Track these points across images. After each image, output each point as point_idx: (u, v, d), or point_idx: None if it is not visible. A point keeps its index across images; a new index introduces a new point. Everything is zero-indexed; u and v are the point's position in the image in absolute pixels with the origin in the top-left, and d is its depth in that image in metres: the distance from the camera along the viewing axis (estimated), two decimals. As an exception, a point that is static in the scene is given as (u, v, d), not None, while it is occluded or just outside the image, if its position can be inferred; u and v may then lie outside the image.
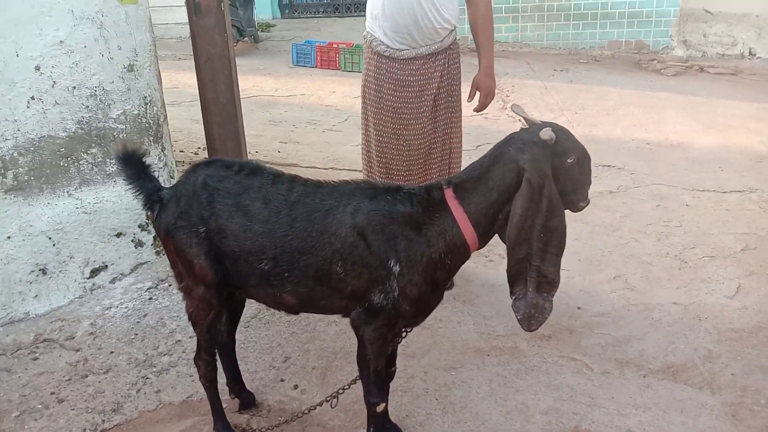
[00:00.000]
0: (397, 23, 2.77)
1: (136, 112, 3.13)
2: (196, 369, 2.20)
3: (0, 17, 2.59)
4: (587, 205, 1.93)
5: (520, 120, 1.99)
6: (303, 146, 5.48)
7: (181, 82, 7.48)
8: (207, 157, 3.51)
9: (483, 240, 1.88)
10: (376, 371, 1.97)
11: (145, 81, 3.14)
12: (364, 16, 3.02)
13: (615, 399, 2.48)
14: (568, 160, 1.79)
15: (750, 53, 9.36)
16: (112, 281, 3.12)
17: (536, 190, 1.74)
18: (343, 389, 2.13)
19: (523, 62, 9.44)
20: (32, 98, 2.74)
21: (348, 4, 13.56)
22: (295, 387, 2.55)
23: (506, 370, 2.65)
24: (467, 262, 1.99)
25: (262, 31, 11.56)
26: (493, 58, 3.05)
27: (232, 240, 1.90)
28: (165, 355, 2.70)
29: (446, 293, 3.20)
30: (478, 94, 3.07)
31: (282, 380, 2.59)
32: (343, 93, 7.71)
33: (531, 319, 1.86)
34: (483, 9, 2.94)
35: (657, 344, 2.82)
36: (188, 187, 1.98)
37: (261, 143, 5.45)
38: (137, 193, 2.05)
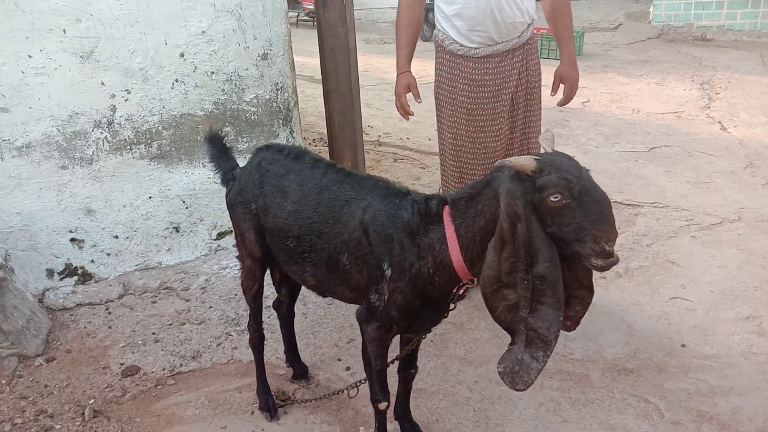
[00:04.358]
0: (472, 20, 2.64)
1: (267, 96, 3.45)
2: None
3: (154, 11, 3.05)
4: (609, 264, 1.51)
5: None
6: (458, 135, 5.47)
7: (373, 66, 7.92)
8: (327, 141, 3.74)
9: (472, 267, 1.71)
10: (377, 370, 1.99)
11: (278, 69, 3.45)
12: None
13: (674, 455, 2.18)
14: (551, 198, 1.49)
15: None
16: (235, 245, 3.51)
17: (507, 231, 1.54)
18: (361, 382, 2.19)
19: (755, 54, 8.21)
20: (176, 81, 3.19)
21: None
22: (348, 368, 2.67)
23: (563, 397, 2.46)
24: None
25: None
26: (574, 48, 2.83)
27: (270, 217, 2.07)
28: (252, 317, 3.00)
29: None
30: (561, 87, 2.84)
31: (339, 359, 2.73)
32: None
33: (514, 376, 1.61)
34: None
35: (762, 405, 2.38)
36: (249, 167, 2.20)
37: (417, 129, 5.57)
38: (216, 171, 2.32)
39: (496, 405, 2.44)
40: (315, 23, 11.51)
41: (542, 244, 1.52)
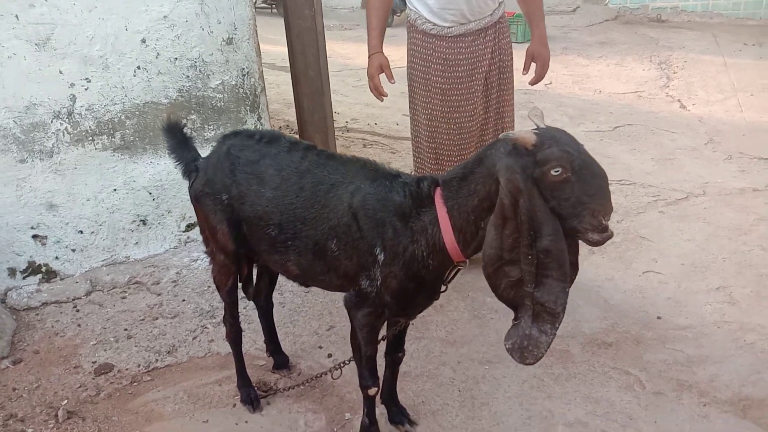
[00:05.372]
0: None
1: (233, 82, 3.36)
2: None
3: (112, -5, 2.93)
4: (605, 238, 1.52)
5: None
6: (425, 120, 5.46)
7: (335, 52, 7.80)
8: (297, 128, 3.67)
9: (465, 248, 1.69)
10: (367, 356, 1.96)
11: (244, 54, 3.36)
12: None
13: (657, 424, 2.21)
14: (553, 172, 1.47)
15: None
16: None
17: (508, 207, 1.52)
18: (344, 363, 2.16)
19: (708, 35, 8.40)
20: (138, 68, 3.08)
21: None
22: (329, 356, 2.63)
23: (545, 373, 2.48)
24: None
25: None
26: (545, 27, 2.83)
27: (248, 205, 1.99)
28: (227, 309, 2.93)
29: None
30: (533, 65, 2.84)
31: (320, 347, 2.69)
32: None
33: (523, 350, 1.60)
34: None
35: (737, 371, 2.44)
36: (215, 156, 2.11)
37: (384, 115, 5.53)
38: (177, 163, 2.22)
39: (480, 384, 2.44)
40: (273, 10, 11.42)
41: (545, 218, 1.50)
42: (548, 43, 2.88)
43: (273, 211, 1.94)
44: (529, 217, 1.50)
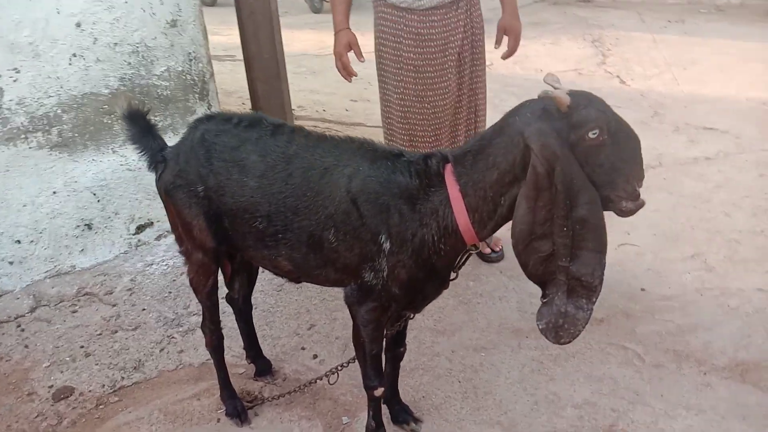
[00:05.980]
0: None
1: (180, 68, 3.09)
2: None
3: (39, -26, 2.60)
4: (638, 206, 1.45)
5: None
6: (374, 104, 5.25)
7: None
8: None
9: (481, 228, 1.56)
10: (372, 355, 1.80)
11: (190, 37, 3.09)
12: None
13: (664, 397, 2.17)
14: (590, 134, 1.38)
15: None
16: (158, 238, 3.16)
17: (543, 176, 1.39)
18: (342, 366, 2.00)
19: (633, 13, 8.66)
20: (74, 55, 2.76)
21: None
22: (315, 357, 2.46)
23: (543, 356, 2.40)
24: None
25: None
26: None
27: (228, 197, 1.78)
28: (194, 315, 2.69)
29: (493, 266, 2.99)
30: (505, 39, 2.75)
31: (303, 348, 2.51)
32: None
33: (558, 329, 1.50)
34: None
35: (728, 336, 2.45)
36: (187, 143, 1.88)
37: (332, 101, 5.34)
38: (141, 153, 1.98)
39: (480, 373, 2.33)
40: None
41: (582, 185, 1.39)
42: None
43: (259, 202, 1.74)
44: (566, 186, 1.39)
